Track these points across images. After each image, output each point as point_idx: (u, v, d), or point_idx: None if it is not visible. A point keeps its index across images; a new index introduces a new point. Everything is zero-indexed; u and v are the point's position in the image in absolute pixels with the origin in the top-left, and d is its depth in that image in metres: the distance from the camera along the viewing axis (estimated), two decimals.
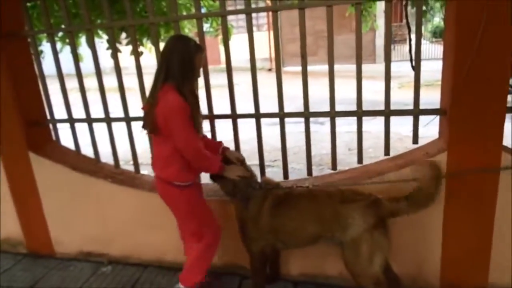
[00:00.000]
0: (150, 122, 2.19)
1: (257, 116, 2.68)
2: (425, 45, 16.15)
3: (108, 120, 3.01)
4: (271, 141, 4.35)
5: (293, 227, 2.30)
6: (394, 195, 2.15)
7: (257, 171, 2.53)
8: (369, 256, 2.11)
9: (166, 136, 2.17)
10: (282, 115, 2.64)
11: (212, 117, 2.77)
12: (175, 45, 2.16)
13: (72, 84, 3.20)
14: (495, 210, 2.27)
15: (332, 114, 2.54)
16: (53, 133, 3.30)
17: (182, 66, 2.13)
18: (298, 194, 2.35)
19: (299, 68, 2.62)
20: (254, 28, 2.67)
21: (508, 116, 2.15)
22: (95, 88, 2.95)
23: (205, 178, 2.57)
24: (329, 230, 2.20)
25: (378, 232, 2.10)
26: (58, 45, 4.08)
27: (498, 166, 2.19)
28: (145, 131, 2.34)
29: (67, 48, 3.24)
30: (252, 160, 2.80)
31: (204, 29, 2.87)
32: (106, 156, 3.32)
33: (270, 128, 3.66)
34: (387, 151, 2.55)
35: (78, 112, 3.13)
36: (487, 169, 2.20)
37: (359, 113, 2.48)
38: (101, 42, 4.03)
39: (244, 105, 2.75)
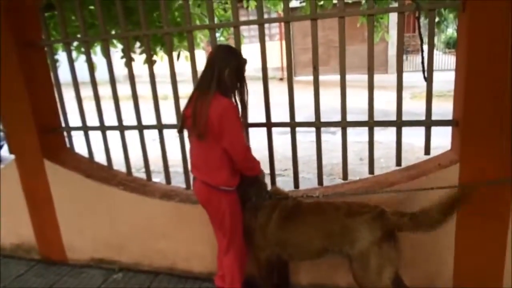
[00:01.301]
0: (200, 126, 2.18)
1: (268, 125, 2.70)
2: (438, 56, 16.04)
3: (121, 128, 3.06)
4: (282, 150, 4.36)
5: (300, 241, 2.30)
6: (401, 210, 2.14)
7: (267, 180, 2.54)
8: (377, 269, 2.09)
9: (215, 141, 2.19)
10: (293, 125, 2.65)
11: None
12: (228, 58, 2.23)
13: (86, 93, 3.26)
14: (509, 222, 2.24)
15: (344, 124, 2.54)
16: (67, 140, 3.36)
17: (234, 78, 2.23)
18: (306, 207, 2.35)
19: (311, 78, 2.64)
20: (266, 38, 2.69)
21: None
22: (109, 96, 3.01)
23: None
24: (336, 244, 2.19)
25: (387, 244, 2.08)
26: (74, 54, 4.17)
27: (510, 176, 2.17)
28: (179, 135, 2.47)
29: (82, 57, 3.31)
30: (262, 169, 2.81)
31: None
32: (118, 163, 3.36)
33: (281, 137, 3.68)
34: (398, 161, 2.54)
35: (91, 119, 3.19)
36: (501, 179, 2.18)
37: (371, 123, 2.48)
38: (116, 51, 4.10)
39: (255, 114, 2.77)
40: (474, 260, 2.36)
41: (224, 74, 2.18)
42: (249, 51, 2.98)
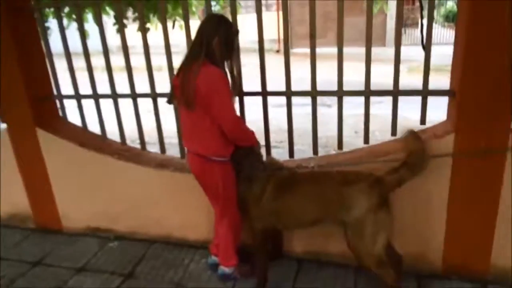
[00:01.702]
0: (188, 95, 2.15)
1: (264, 94, 2.67)
2: (437, 29, 15.86)
3: (114, 96, 3.02)
4: (277, 123, 4.34)
5: (295, 211, 2.32)
6: (391, 168, 2.18)
7: (263, 151, 2.53)
8: (372, 236, 2.12)
9: (204, 110, 2.16)
10: (288, 94, 2.62)
11: None
12: (218, 27, 2.18)
13: (78, 63, 3.19)
14: (500, 191, 2.27)
15: (340, 93, 2.52)
16: (60, 110, 3.32)
17: (224, 48, 2.19)
18: (301, 177, 2.36)
19: (308, 50, 2.59)
20: (263, 8, 2.63)
21: None
22: (102, 67, 2.95)
23: None
24: (332, 213, 2.22)
25: (381, 211, 2.11)
26: (65, 21, 4.07)
27: (505, 148, 2.18)
28: (171, 105, 2.40)
29: (74, 26, 3.22)
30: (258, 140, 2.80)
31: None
32: (112, 135, 3.34)
33: (277, 109, 3.65)
34: (394, 131, 2.53)
35: (84, 90, 3.14)
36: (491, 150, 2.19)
37: (367, 93, 2.46)
38: (108, 19, 4.01)
39: (251, 87, 2.74)
40: (464, 228, 2.40)
41: (213, 43, 2.14)
42: (246, 21, 2.91)
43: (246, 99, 2.74)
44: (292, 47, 15.23)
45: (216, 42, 2.15)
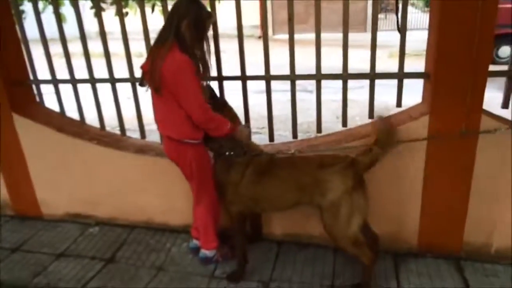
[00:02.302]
0: (155, 81, 2.14)
1: (243, 78, 2.67)
2: (417, 14, 15.99)
3: (92, 80, 2.97)
4: (258, 109, 4.36)
5: (273, 195, 2.35)
6: (364, 149, 2.25)
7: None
8: (347, 218, 2.16)
9: (172, 95, 2.15)
10: (268, 78, 2.63)
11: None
12: (188, 8, 2.12)
13: (55, 49, 3.13)
14: (473, 170, 2.34)
15: (318, 77, 2.55)
16: (37, 95, 3.26)
17: (193, 31, 2.12)
18: (279, 162, 2.37)
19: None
20: None
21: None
22: (80, 54, 2.90)
23: None
24: (308, 196, 2.25)
25: (357, 193, 2.15)
26: (40, 4, 3.96)
27: (477, 129, 2.24)
28: (145, 89, 2.31)
29: (50, 10, 3.13)
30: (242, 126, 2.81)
31: None
32: (91, 121, 3.30)
33: (257, 96, 3.66)
34: (371, 114, 2.58)
35: (62, 75, 3.09)
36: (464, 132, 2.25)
37: (344, 76, 2.49)
38: (85, 2, 3.91)
39: (231, 72, 2.74)
40: (439, 207, 2.47)
41: (182, 26, 2.10)
42: (226, 7, 2.86)
43: (228, 84, 2.73)
44: (274, 33, 15.18)
45: (186, 25, 2.10)
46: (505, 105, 2.35)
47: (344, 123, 2.66)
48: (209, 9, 2.32)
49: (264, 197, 2.37)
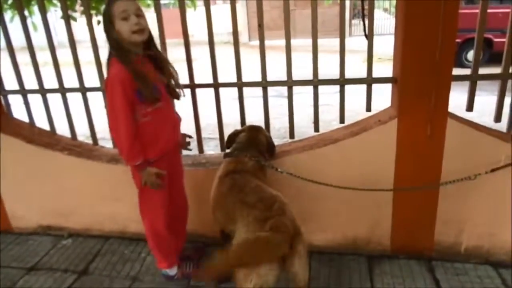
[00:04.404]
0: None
1: (216, 85, 2.68)
2: (389, 20, 16.32)
3: (62, 90, 2.92)
4: (234, 116, 4.38)
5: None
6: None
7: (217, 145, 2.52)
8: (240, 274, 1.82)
9: None
10: (240, 85, 2.65)
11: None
12: (104, 12, 1.99)
13: (24, 59, 3.07)
14: (441, 172, 2.40)
15: (289, 83, 2.58)
16: (4, 107, 3.18)
17: (108, 32, 1.98)
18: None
19: (266, 42, 2.62)
20: (220, 1, 2.63)
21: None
22: (50, 63, 2.85)
23: None
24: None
25: None
26: (9, 13, 3.90)
27: (444, 132, 2.31)
28: None
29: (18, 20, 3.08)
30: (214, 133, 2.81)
31: (168, 0, 2.81)
32: (61, 131, 3.24)
33: (233, 102, 3.67)
34: (342, 119, 2.62)
35: (30, 85, 3.03)
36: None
37: (315, 82, 2.53)
38: (55, 11, 3.86)
39: (205, 79, 2.74)
40: (410, 208, 2.53)
41: (106, 32, 1.98)
42: (202, 13, 2.85)
43: (200, 92, 2.73)
44: (250, 39, 15.24)
45: (105, 31, 1.99)
46: (469, 108, 2.42)
47: (317, 128, 2.70)
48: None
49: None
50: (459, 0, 2.13)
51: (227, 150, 2.45)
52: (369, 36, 2.39)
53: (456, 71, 2.22)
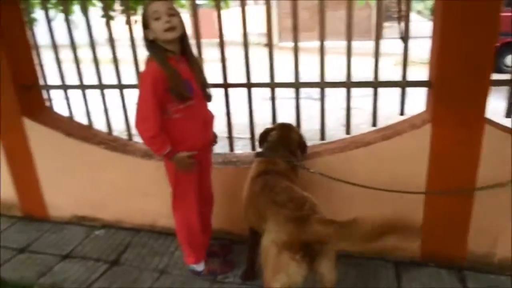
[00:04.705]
0: None
1: (248, 85, 2.72)
2: (424, 23, 15.97)
3: (101, 87, 3.04)
4: (264, 116, 4.40)
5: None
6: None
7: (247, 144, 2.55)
8: (269, 272, 1.86)
9: None
10: (272, 85, 2.67)
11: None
12: (142, 15, 2.10)
13: (65, 56, 3.21)
14: (476, 178, 2.34)
15: (322, 85, 2.58)
16: (47, 101, 3.34)
17: (144, 33, 2.09)
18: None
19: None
20: (251, 2, 2.67)
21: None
22: (89, 60, 2.98)
23: None
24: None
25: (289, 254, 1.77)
26: (52, 12, 4.07)
27: (480, 138, 2.25)
28: None
29: (61, 17, 3.22)
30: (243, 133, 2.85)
31: (202, 1, 2.87)
32: (99, 127, 3.37)
33: (264, 103, 3.70)
34: (374, 122, 2.61)
35: (71, 81, 3.17)
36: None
37: (348, 84, 2.52)
38: (96, 10, 4.01)
39: (233, 79, 2.78)
40: (441, 214, 2.48)
41: (144, 34, 2.09)
42: (235, 15, 2.91)
43: (233, 92, 2.77)
44: (280, 40, 15.25)
45: (144, 30, 2.08)
46: (508, 114, 2.36)
47: (348, 131, 2.69)
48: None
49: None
50: (500, 1, 2.07)
51: (258, 149, 2.47)
52: (405, 38, 2.36)
53: (494, 76, 2.17)
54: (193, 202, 2.39)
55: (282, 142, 2.36)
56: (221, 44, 2.67)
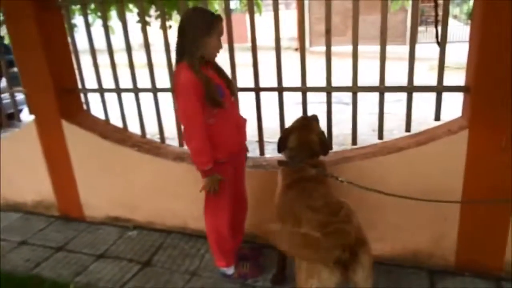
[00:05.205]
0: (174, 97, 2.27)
1: (280, 89, 2.72)
2: (460, 27, 15.55)
3: (136, 90, 3.12)
4: (293, 120, 4.40)
5: None
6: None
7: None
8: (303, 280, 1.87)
9: None
10: (304, 89, 2.67)
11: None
12: (190, 18, 2.08)
13: (102, 60, 3.32)
14: None
15: (354, 89, 2.56)
16: (84, 103, 3.45)
17: (196, 40, 2.06)
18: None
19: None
20: (282, 6, 2.68)
21: None
22: (125, 64, 3.07)
23: None
24: None
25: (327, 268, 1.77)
26: (90, 18, 4.22)
27: None
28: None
29: (99, 24, 3.34)
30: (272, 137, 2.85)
31: (233, 5, 2.91)
32: (133, 129, 3.45)
33: (295, 107, 3.70)
34: (408, 127, 2.55)
35: (107, 85, 3.27)
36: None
37: (382, 89, 2.49)
38: (132, 16, 4.12)
39: (263, 84, 2.80)
40: (478, 223, 2.40)
41: (188, 39, 2.06)
42: (266, 20, 2.93)
43: (264, 95, 2.79)
44: (311, 45, 15.18)
45: (190, 37, 2.06)
46: None
47: (380, 136, 2.65)
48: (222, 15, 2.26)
49: None
50: None
51: (280, 155, 2.44)
52: (442, 43, 2.31)
53: None
54: (226, 207, 2.42)
55: (303, 147, 2.29)
56: (253, 49, 2.69)
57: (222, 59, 2.33)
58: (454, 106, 2.55)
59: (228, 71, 2.44)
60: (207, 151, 2.15)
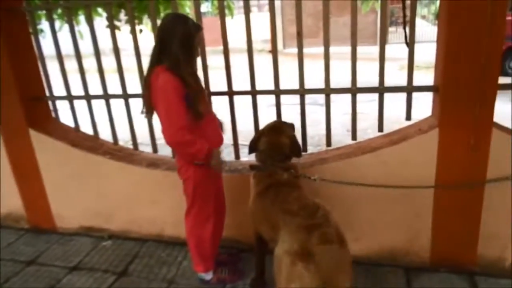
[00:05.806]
0: (145, 102, 2.23)
1: (253, 93, 2.71)
2: (428, 27, 15.97)
3: (106, 96, 3.05)
4: (267, 122, 4.40)
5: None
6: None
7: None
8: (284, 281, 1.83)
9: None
10: (277, 92, 2.66)
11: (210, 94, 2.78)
12: (172, 24, 2.07)
13: (70, 65, 3.23)
14: (485, 181, 2.31)
15: (327, 91, 2.57)
16: (52, 111, 3.35)
17: (180, 48, 2.06)
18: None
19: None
20: (255, 9, 2.67)
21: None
22: (94, 69, 2.98)
23: None
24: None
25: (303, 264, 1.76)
26: (57, 23, 4.10)
27: (488, 143, 2.23)
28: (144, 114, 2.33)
29: (67, 28, 3.24)
30: (247, 140, 2.83)
31: (205, 9, 2.88)
32: (105, 136, 3.38)
33: (269, 109, 3.69)
34: (380, 128, 2.58)
35: (76, 91, 3.18)
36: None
37: (353, 90, 2.51)
38: (101, 20, 4.03)
39: (241, 87, 2.78)
40: (451, 220, 2.45)
41: (169, 45, 2.06)
42: (239, 22, 2.92)
43: (238, 98, 2.77)
44: (285, 47, 15.28)
45: (172, 43, 2.05)
46: None
47: (354, 137, 2.67)
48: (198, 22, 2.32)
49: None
50: (506, 4, 2.06)
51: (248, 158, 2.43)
52: (410, 43, 2.35)
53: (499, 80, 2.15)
54: (211, 213, 2.41)
55: (273, 150, 2.26)
56: (226, 52, 2.67)
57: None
58: (427, 103, 2.59)
59: (200, 74, 2.43)
60: (197, 138, 2.12)
